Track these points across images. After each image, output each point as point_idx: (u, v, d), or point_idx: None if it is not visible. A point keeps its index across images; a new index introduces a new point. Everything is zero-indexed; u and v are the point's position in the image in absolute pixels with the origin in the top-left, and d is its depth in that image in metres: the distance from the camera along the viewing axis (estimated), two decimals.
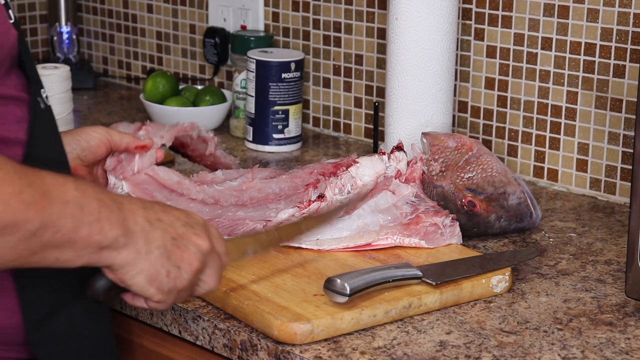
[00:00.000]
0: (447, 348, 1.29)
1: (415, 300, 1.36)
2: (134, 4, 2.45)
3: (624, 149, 1.78)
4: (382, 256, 1.49)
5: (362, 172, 1.53)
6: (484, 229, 1.59)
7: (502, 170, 1.60)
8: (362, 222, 1.49)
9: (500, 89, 1.90)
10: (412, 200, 1.53)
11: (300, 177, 1.59)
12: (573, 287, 1.47)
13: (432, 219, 1.51)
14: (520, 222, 1.61)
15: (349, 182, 1.51)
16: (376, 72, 2.06)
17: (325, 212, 1.46)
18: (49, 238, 1.05)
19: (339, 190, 1.50)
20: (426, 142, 1.61)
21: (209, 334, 1.36)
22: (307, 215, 1.45)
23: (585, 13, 1.78)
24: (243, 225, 1.48)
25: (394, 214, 1.51)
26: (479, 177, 1.58)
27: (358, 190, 1.50)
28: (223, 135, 2.13)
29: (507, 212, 1.59)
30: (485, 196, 1.58)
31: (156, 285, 1.15)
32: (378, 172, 1.53)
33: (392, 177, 1.54)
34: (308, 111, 2.18)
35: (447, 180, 1.58)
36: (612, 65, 1.77)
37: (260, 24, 2.22)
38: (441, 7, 1.76)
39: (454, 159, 1.60)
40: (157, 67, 2.43)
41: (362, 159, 1.54)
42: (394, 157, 1.55)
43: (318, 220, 1.40)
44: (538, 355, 1.28)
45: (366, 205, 1.50)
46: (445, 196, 1.57)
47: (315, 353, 1.27)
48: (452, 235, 1.52)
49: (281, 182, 1.59)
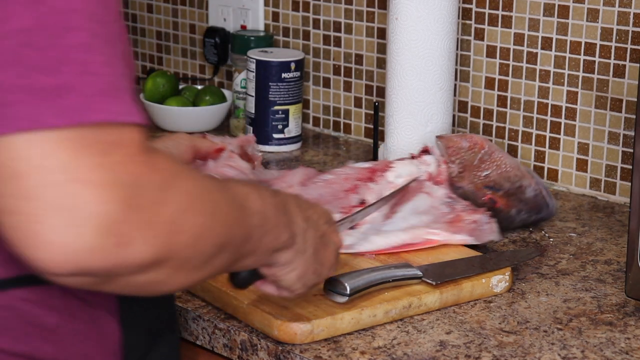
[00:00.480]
0: (447, 348, 1.29)
1: (415, 300, 1.36)
2: (134, 3, 2.45)
3: (624, 149, 1.78)
4: (382, 256, 1.49)
5: (398, 176, 1.55)
6: (507, 224, 1.62)
7: (514, 164, 1.64)
8: (407, 224, 1.51)
9: (500, 89, 1.90)
10: (447, 201, 1.56)
11: (337, 182, 1.62)
12: (573, 287, 1.47)
13: (472, 217, 1.54)
14: (539, 213, 1.64)
15: (385, 187, 1.54)
16: (376, 72, 2.06)
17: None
18: (243, 250, 1.07)
19: (377, 196, 1.53)
20: (441, 145, 1.63)
21: (209, 333, 1.36)
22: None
23: (585, 13, 1.78)
24: None
25: (435, 214, 1.54)
26: (494, 174, 1.62)
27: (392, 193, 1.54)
28: (223, 135, 2.12)
29: (525, 205, 1.62)
30: (504, 192, 1.61)
31: (303, 282, 1.20)
32: (412, 176, 1.56)
33: (425, 180, 1.57)
34: (308, 111, 2.18)
35: (466, 180, 1.60)
36: (612, 65, 1.77)
37: (260, 24, 2.22)
38: (441, 7, 1.76)
39: (469, 158, 1.62)
40: (157, 67, 2.43)
41: (396, 163, 1.57)
42: (423, 161, 1.57)
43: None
44: (538, 355, 1.28)
45: (406, 208, 1.53)
46: (467, 196, 1.60)
47: (315, 353, 1.27)
48: (491, 231, 1.55)
49: (319, 189, 1.61)
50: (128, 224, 0.91)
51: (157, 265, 0.95)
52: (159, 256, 0.94)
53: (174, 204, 0.95)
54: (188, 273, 1.00)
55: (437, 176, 1.59)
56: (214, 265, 1.03)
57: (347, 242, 1.47)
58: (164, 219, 0.94)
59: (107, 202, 0.90)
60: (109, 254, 0.91)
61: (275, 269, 1.17)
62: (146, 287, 0.98)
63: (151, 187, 0.94)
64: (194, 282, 1.02)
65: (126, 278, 0.95)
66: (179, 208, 0.96)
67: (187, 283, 1.01)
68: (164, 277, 0.97)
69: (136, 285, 0.97)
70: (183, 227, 0.96)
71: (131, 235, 0.92)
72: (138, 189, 0.92)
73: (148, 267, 0.95)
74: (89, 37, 0.92)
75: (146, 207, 0.93)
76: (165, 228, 0.94)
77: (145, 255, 0.93)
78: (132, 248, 0.92)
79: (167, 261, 0.96)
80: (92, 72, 0.91)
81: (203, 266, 1.01)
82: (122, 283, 0.96)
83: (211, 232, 1.00)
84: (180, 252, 0.96)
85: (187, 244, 0.97)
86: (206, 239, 0.99)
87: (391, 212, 1.52)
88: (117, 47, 0.95)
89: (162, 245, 0.94)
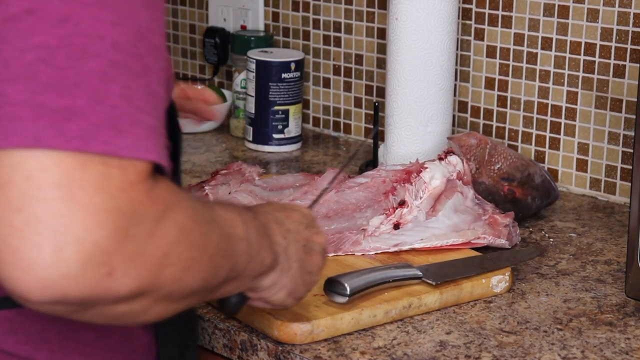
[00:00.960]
0: (447, 348, 1.29)
1: (415, 301, 1.36)
2: None
3: (624, 149, 1.78)
4: (382, 256, 1.49)
5: (433, 176, 1.57)
6: (526, 213, 1.68)
7: (517, 154, 1.68)
8: (451, 222, 1.53)
9: (500, 89, 1.90)
10: (476, 202, 1.59)
11: (374, 186, 1.63)
12: (573, 287, 1.47)
13: (505, 220, 1.56)
14: (548, 197, 1.69)
15: (421, 188, 1.56)
16: (376, 72, 2.06)
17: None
18: (227, 278, 1.03)
19: (415, 196, 1.55)
20: (455, 145, 1.64)
21: (209, 334, 1.36)
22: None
23: (585, 13, 1.78)
24: (345, 237, 1.51)
25: (472, 214, 1.56)
26: (505, 165, 1.66)
27: (429, 194, 1.56)
28: (223, 135, 2.13)
29: (537, 192, 1.67)
30: (518, 181, 1.66)
31: (294, 296, 1.18)
32: (445, 175, 1.59)
33: (456, 180, 1.59)
34: (308, 111, 2.18)
35: (485, 176, 1.64)
36: (612, 65, 1.76)
37: (260, 24, 2.22)
38: (441, 7, 1.76)
39: (481, 154, 1.65)
40: None
41: (429, 164, 1.59)
42: (449, 162, 1.61)
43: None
44: (538, 355, 1.28)
45: (447, 207, 1.55)
46: (490, 191, 1.64)
47: (315, 353, 1.27)
48: (516, 234, 1.57)
49: (355, 193, 1.63)
50: (117, 255, 0.87)
51: (140, 296, 0.91)
52: (143, 288, 0.90)
53: (167, 236, 0.91)
54: (168, 305, 0.96)
55: (464, 176, 1.61)
56: (196, 297, 0.99)
57: (401, 239, 1.50)
58: (154, 252, 0.90)
59: (99, 228, 0.85)
60: (92, 284, 0.86)
61: (261, 293, 1.14)
62: (121, 318, 0.94)
63: (147, 217, 0.89)
64: (171, 313, 0.98)
65: (104, 308, 0.90)
66: (172, 241, 0.91)
67: (164, 314, 0.97)
68: (142, 308, 0.93)
69: (111, 315, 0.92)
70: (172, 260, 0.92)
71: (119, 266, 0.87)
72: (134, 219, 0.88)
73: (130, 299, 0.90)
74: (109, 65, 0.88)
75: (138, 238, 0.88)
76: (155, 261, 0.90)
77: (130, 288, 0.89)
78: (117, 279, 0.88)
79: (150, 293, 0.91)
80: (105, 101, 0.88)
81: (184, 299, 0.97)
82: (98, 313, 0.91)
83: (199, 266, 0.96)
84: (165, 285, 0.92)
85: (173, 278, 0.93)
86: (194, 272, 0.95)
87: (433, 210, 1.54)
88: (140, 80, 0.90)
89: (149, 278, 0.90)
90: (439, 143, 1.79)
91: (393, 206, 1.56)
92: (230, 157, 2.00)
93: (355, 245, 1.50)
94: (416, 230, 1.52)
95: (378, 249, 1.50)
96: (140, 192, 0.89)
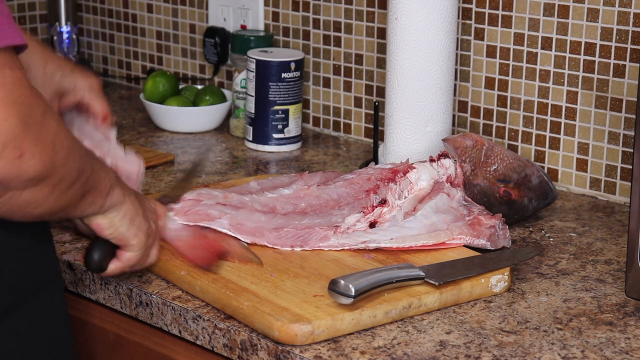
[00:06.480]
0: (447, 348, 1.29)
1: (415, 301, 1.36)
2: (134, 3, 2.45)
3: (624, 149, 1.78)
4: (381, 256, 1.49)
5: (419, 177, 1.57)
6: (522, 214, 1.67)
7: (514, 155, 1.67)
8: (429, 221, 1.53)
9: (500, 89, 1.90)
10: (464, 203, 1.58)
11: (358, 183, 1.64)
12: (573, 286, 1.47)
13: (490, 221, 1.55)
14: (546, 198, 1.69)
15: (406, 188, 1.56)
16: (376, 72, 2.07)
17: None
18: (90, 182, 1.21)
19: (398, 196, 1.55)
20: (449, 147, 1.64)
21: (209, 333, 1.36)
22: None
23: (585, 13, 1.78)
24: (313, 233, 1.51)
25: (454, 214, 1.55)
26: (501, 167, 1.65)
27: (414, 194, 1.56)
28: (223, 135, 2.13)
29: (534, 193, 1.66)
30: (514, 183, 1.65)
31: (136, 225, 1.32)
32: (433, 177, 1.58)
33: (444, 182, 1.59)
34: (308, 111, 2.18)
35: (480, 177, 1.63)
36: (612, 65, 1.77)
37: (260, 24, 2.22)
38: (441, 6, 1.76)
39: (476, 156, 1.65)
40: (157, 67, 2.43)
41: (417, 164, 1.59)
42: (441, 164, 1.60)
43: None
44: (538, 355, 1.28)
45: (428, 207, 1.55)
46: (485, 192, 1.63)
47: (315, 353, 1.27)
48: (505, 237, 1.56)
49: (338, 189, 1.63)
50: (24, 140, 1.06)
51: (42, 180, 1.11)
52: (45, 171, 1.10)
53: (52, 126, 1.11)
54: (59, 195, 1.15)
55: (454, 179, 1.61)
56: (74, 192, 1.18)
57: (371, 237, 1.49)
58: (47, 137, 1.10)
59: (9, 117, 1.05)
60: (8, 165, 1.06)
61: (111, 214, 1.28)
62: (23, 208, 1.13)
63: (37, 108, 1.08)
64: (60, 207, 1.17)
65: (15, 194, 1.10)
66: (56, 129, 1.11)
67: (56, 206, 1.16)
68: (41, 196, 1.13)
69: (19, 203, 1.11)
70: (58, 146, 1.11)
71: (26, 149, 1.07)
72: (29, 109, 1.07)
73: (36, 182, 1.10)
74: None
75: (35, 125, 1.08)
76: (49, 146, 1.10)
77: (36, 169, 1.09)
78: (26, 162, 1.07)
79: (48, 178, 1.11)
80: None
81: (68, 190, 1.16)
82: (8, 200, 1.10)
83: (75, 155, 1.15)
84: (58, 170, 1.12)
85: (62, 162, 1.12)
86: (73, 159, 1.15)
87: (413, 209, 1.53)
88: None
89: (48, 161, 1.10)
90: (438, 143, 1.80)
91: (373, 204, 1.56)
92: (230, 156, 2.00)
93: (323, 241, 1.49)
94: (390, 230, 1.51)
95: (345, 245, 1.49)
96: (28, 87, 1.08)
